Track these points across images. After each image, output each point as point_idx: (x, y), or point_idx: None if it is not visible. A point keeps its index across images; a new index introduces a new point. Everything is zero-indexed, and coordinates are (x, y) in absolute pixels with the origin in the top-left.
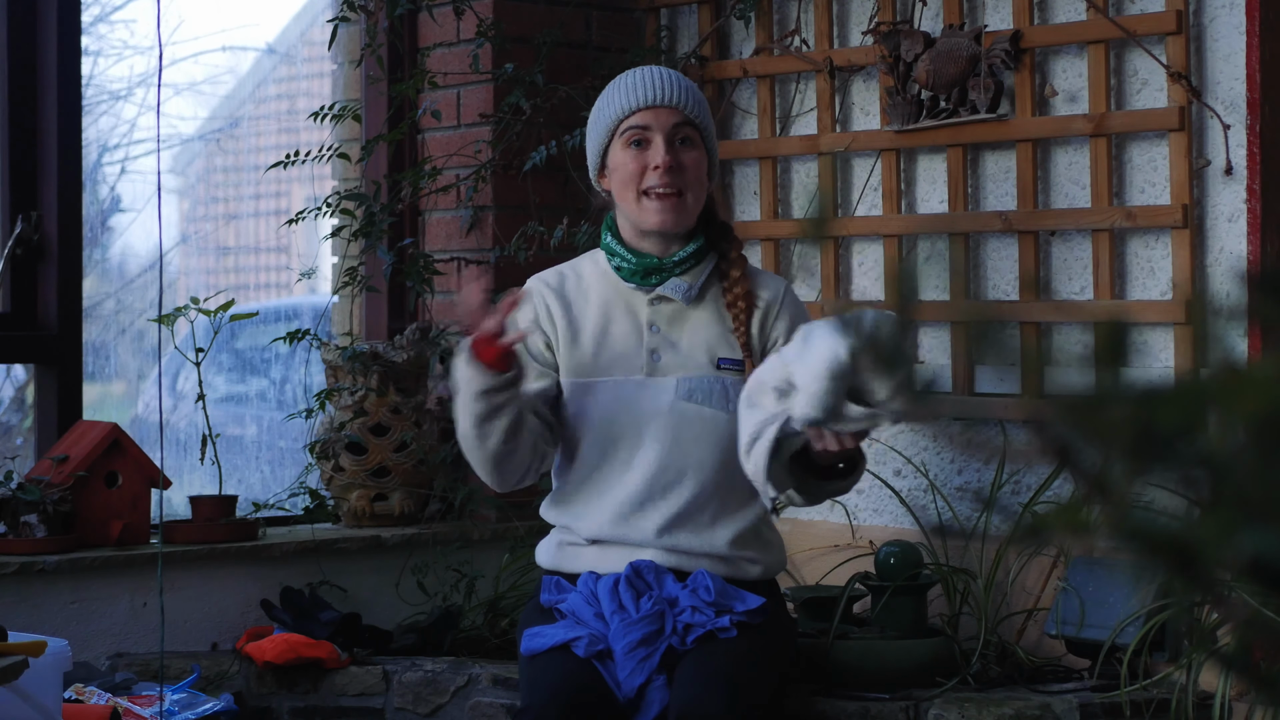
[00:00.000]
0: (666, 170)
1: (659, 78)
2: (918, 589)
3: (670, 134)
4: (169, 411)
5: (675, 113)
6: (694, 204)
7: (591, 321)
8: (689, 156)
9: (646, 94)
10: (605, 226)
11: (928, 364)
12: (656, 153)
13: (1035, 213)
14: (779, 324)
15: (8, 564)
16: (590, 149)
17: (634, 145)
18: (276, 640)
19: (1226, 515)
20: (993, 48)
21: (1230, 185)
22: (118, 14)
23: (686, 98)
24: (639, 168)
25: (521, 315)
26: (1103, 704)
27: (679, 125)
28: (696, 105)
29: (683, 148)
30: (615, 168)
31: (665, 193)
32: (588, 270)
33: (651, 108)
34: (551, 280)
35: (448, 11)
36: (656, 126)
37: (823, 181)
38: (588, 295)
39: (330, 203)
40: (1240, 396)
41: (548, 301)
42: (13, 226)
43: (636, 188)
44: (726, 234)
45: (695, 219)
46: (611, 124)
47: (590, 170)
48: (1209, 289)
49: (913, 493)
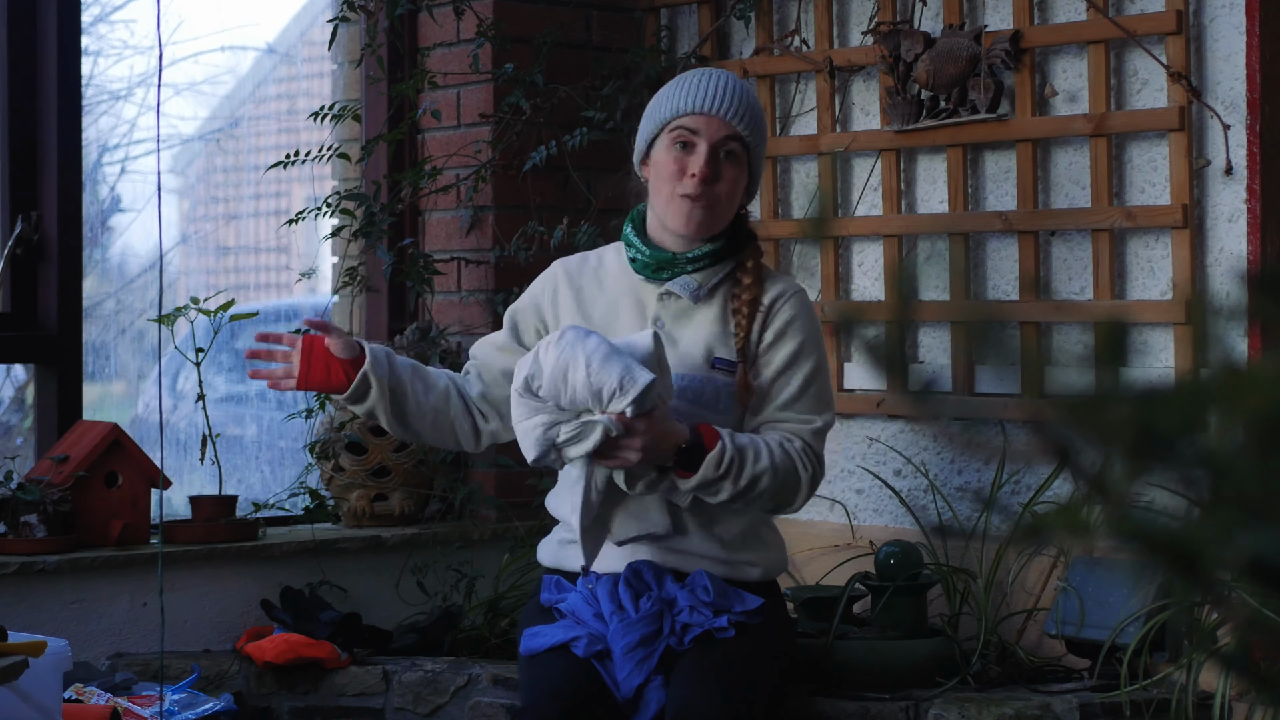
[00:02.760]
0: (703, 181)
1: (721, 86)
2: (918, 589)
3: (716, 145)
4: (169, 411)
5: (726, 125)
6: (722, 217)
7: (600, 310)
8: (729, 172)
9: (704, 100)
10: (629, 218)
11: (928, 364)
12: (698, 160)
13: (1035, 213)
14: (777, 323)
15: (8, 564)
16: (640, 135)
17: (679, 146)
18: (276, 640)
19: (1226, 515)
20: (993, 48)
21: (1230, 185)
22: (118, 14)
23: (742, 113)
24: (679, 169)
25: (532, 291)
26: (1103, 704)
27: (727, 139)
28: (751, 122)
29: (726, 161)
30: (657, 163)
31: (697, 202)
32: (610, 259)
33: (704, 114)
34: (572, 265)
35: (448, 11)
36: (705, 134)
37: (823, 181)
38: (602, 284)
39: (330, 203)
40: (1240, 396)
41: (558, 285)
42: (13, 226)
43: (672, 188)
44: (749, 242)
45: (719, 229)
46: (664, 119)
47: (635, 155)
48: (1209, 289)
49: (913, 493)
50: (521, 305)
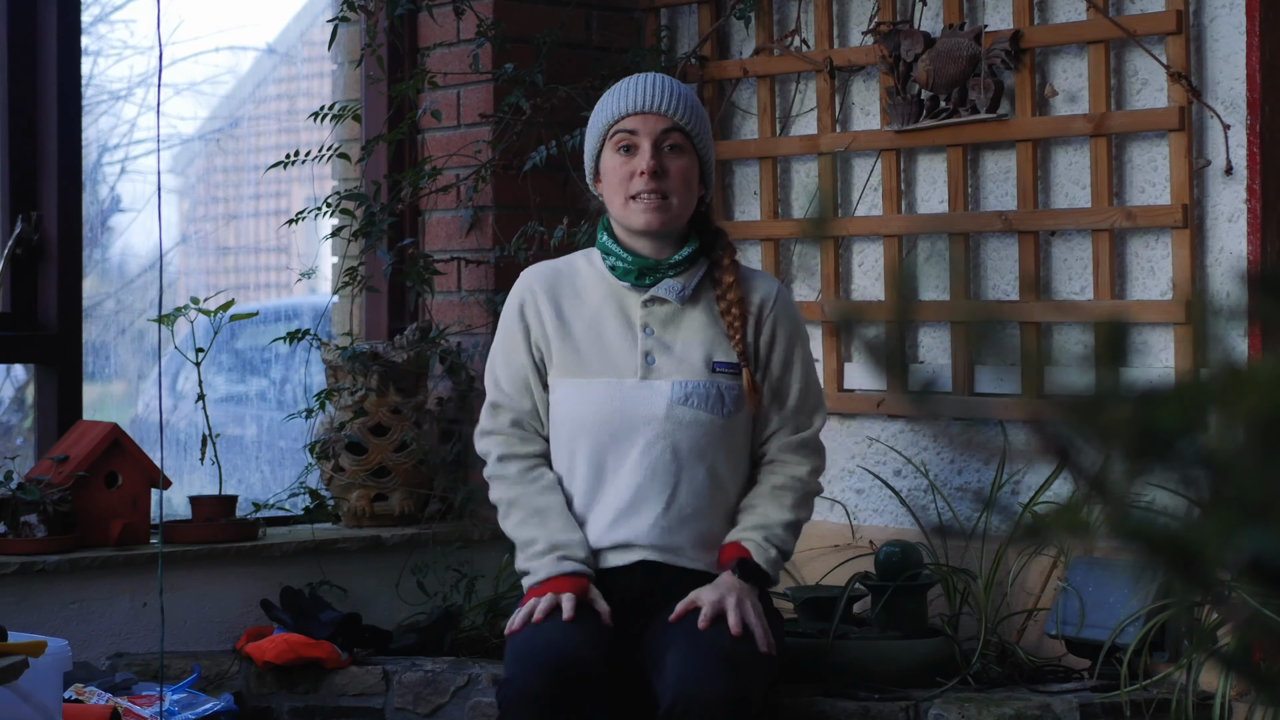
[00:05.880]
0: (651, 176)
1: (649, 84)
2: (918, 589)
3: (657, 140)
4: (169, 411)
5: (663, 119)
6: (680, 208)
7: (583, 320)
8: (676, 163)
9: (636, 100)
10: (601, 226)
11: (928, 364)
12: (643, 158)
13: (1035, 213)
14: (769, 326)
15: (8, 564)
16: (586, 154)
17: (622, 150)
18: (276, 640)
19: (1226, 515)
20: (993, 48)
21: (1230, 185)
22: (118, 14)
23: (676, 104)
24: (626, 173)
25: (512, 335)
26: (1103, 704)
27: (667, 131)
28: (687, 111)
29: (670, 154)
30: (606, 172)
31: (650, 198)
32: (583, 267)
33: (640, 114)
34: (544, 275)
35: (448, 11)
36: (644, 132)
37: (823, 181)
38: (580, 293)
39: (330, 203)
40: (1240, 396)
41: (538, 303)
42: (13, 226)
43: (624, 193)
44: (719, 240)
45: (684, 221)
46: (602, 129)
47: (586, 175)
48: (1209, 289)
49: (913, 493)
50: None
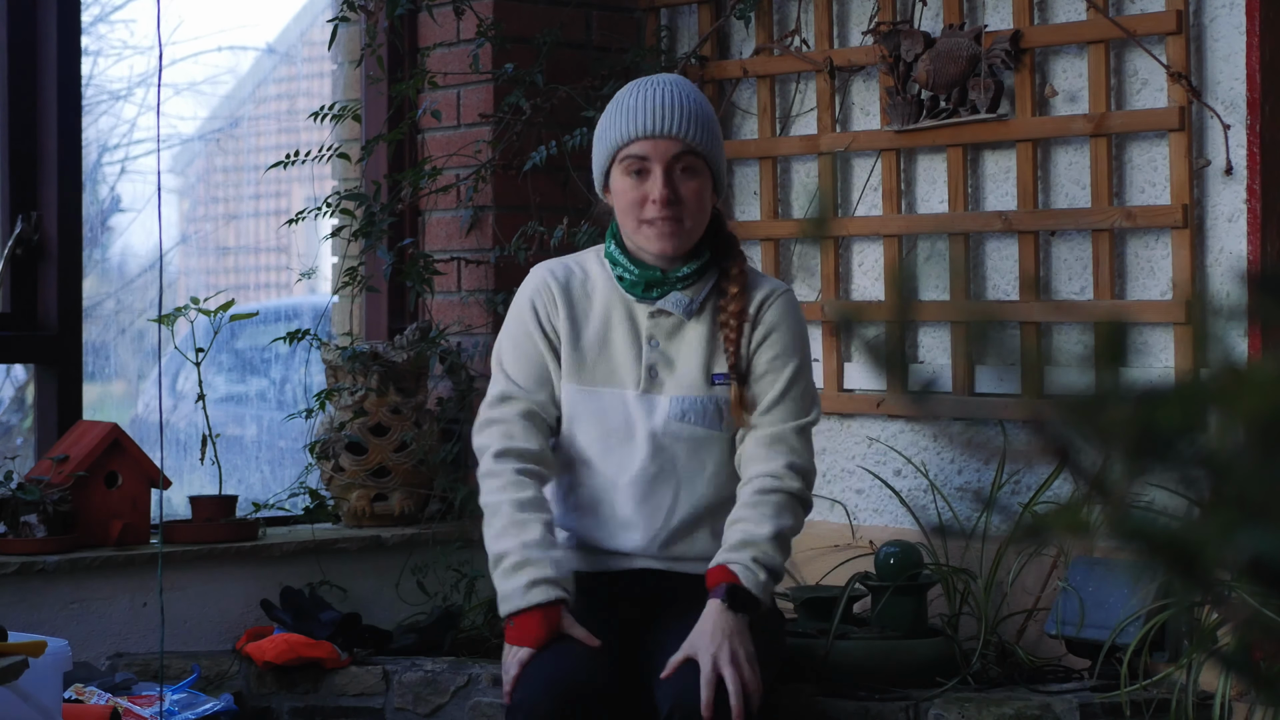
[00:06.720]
0: (665, 204)
1: (659, 105)
2: (918, 589)
3: (670, 164)
4: (169, 411)
5: (675, 143)
6: (694, 229)
7: (593, 326)
8: (689, 186)
9: (646, 124)
10: (610, 233)
11: (928, 364)
12: (655, 185)
13: (1035, 213)
14: (762, 328)
15: (8, 564)
16: (595, 164)
17: (633, 175)
18: (276, 640)
19: (1226, 515)
20: (993, 48)
21: (1230, 185)
22: (118, 14)
23: (687, 125)
24: (638, 197)
25: (527, 328)
26: (1103, 704)
27: (679, 155)
28: (700, 130)
29: (683, 177)
30: (617, 191)
31: (664, 224)
32: (594, 270)
33: (650, 138)
34: (558, 274)
35: (448, 11)
36: (655, 157)
37: (823, 181)
38: (591, 297)
39: (330, 203)
40: (1240, 396)
41: (554, 301)
42: (13, 226)
43: (636, 216)
44: (730, 249)
45: (697, 238)
46: (611, 149)
47: (595, 182)
48: (1209, 289)
49: (913, 493)
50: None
